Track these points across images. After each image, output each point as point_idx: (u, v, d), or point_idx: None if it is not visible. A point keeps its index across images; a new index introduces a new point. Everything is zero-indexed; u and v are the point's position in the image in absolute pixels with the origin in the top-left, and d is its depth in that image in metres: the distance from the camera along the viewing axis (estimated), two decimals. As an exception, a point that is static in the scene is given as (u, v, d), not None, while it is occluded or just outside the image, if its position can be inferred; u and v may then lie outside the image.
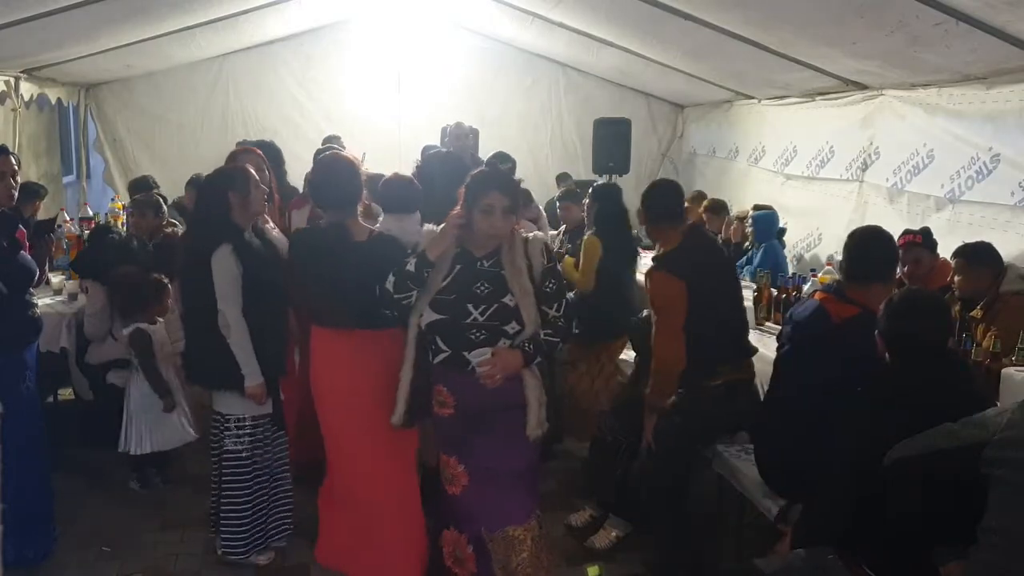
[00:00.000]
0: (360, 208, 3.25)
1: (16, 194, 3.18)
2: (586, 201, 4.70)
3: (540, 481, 4.28)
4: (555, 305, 2.74)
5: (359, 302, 3.06)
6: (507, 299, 2.67)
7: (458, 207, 2.73)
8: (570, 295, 2.76)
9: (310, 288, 3.20)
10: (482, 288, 2.69)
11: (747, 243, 5.78)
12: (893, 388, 2.34)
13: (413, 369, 2.83)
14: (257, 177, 3.37)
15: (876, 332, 2.43)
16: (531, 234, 2.80)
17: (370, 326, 3.09)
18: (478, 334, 2.67)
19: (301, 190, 4.59)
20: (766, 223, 5.53)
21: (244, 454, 3.32)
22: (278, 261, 3.37)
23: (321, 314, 3.21)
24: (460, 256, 2.76)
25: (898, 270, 3.74)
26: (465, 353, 2.67)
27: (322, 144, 6.07)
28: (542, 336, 2.69)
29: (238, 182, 3.27)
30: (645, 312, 4.26)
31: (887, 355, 2.42)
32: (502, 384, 2.66)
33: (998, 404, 2.34)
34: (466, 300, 2.68)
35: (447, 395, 2.79)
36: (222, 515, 3.37)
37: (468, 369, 2.68)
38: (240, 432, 3.31)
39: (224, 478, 3.35)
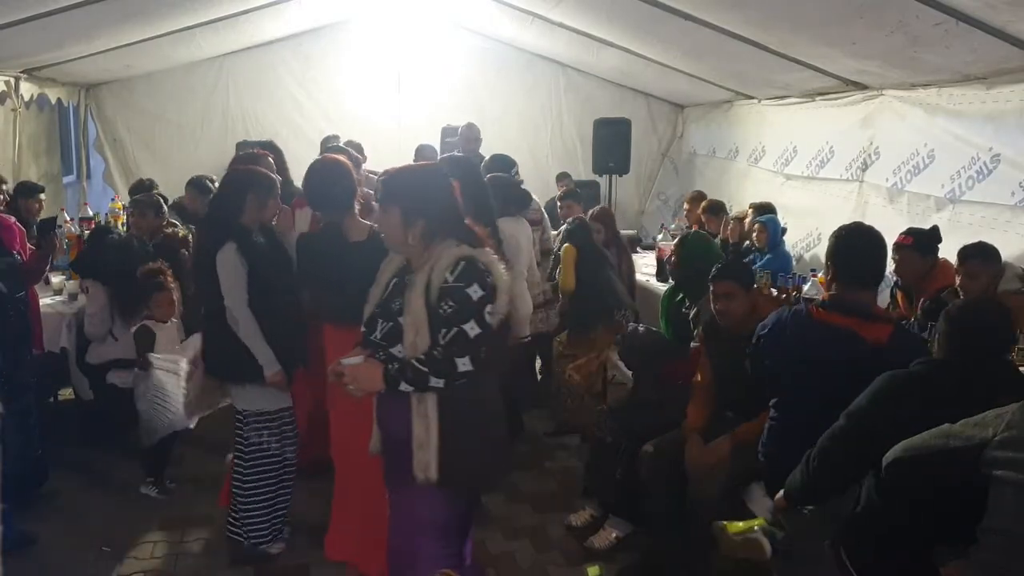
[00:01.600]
0: (357, 206, 3.32)
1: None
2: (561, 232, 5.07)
3: (539, 482, 4.37)
4: (444, 332, 2.30)
5: (360, 300, 3.11)
6: (402, 318, 2.36)
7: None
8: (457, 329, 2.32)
9: (315, 289, 3.28)
10: (396, 304, 2.42)
11: (746, 244, 5.77)
12: (957, 388, 2.31)
13: None
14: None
15: (938, 335, 2.44)
16: (456, 250, 2.37)
17: None
18: (380, 353, 2.41)
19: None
20: (776, 227, 5.51)
21: (273, 447, 3.41)
22: (287, 258, 3.46)
23: (329, 313, 3.28)
24: (402, 268, 2.53)
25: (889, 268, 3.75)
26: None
27: (320, 143, 6.09)
28: (414, 362, 2.29)
29: (261, 186, 3.36)
30: (633, 326, 4.38)
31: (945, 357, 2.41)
32: (390, 408, 2.42)
33: None
34: (380, 315, 2.47)
35: None
36: (245, 507, 3.43)
37: None
38: (269, 427, 3.40)
39: (249, 471, 3.42)
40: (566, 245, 4.90)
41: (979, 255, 3.50)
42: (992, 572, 1.93)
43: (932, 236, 3.86)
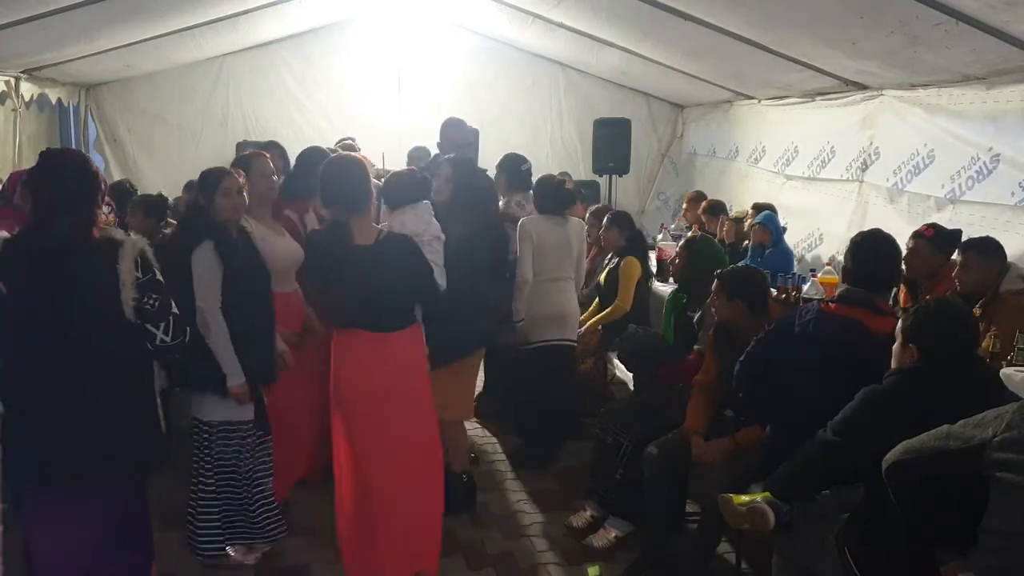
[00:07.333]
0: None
1: None
2: (604, 230, 5.06)
3: (539, 482, 4.37)
4: None
5: (368, 304, 3.09)
6: None
7: None
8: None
9: (321, 291, 3.22)
10: None
11: (745, 243, 5.78)
12: (933, 390, 2.35)
13: None
14: (241, 182, 3.27)
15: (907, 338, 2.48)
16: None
17: (379, 328, 3.12)
18: None
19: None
20: (776, 225, 5.50)
21: (232, 460, 3.31)
22: (263, 266, 3.31)
23: (336, 316, 3.22)
24: None
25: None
26: None
27: (335, 145, 6.08)
28: None
29: (224, 182, 3.20)
30: (632, 327, 4.39)
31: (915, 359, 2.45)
32: None
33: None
34: None
35: None
36: (198, 514, 3.39)
37: None
38: (230, 438, 3.29)
39: (202, 481, 3.35)
40: (630, 259, 4.86)
41: (975, 248, 3.46)
42: (992, 573, 1.93)
43: (953, 236, 3.75)
